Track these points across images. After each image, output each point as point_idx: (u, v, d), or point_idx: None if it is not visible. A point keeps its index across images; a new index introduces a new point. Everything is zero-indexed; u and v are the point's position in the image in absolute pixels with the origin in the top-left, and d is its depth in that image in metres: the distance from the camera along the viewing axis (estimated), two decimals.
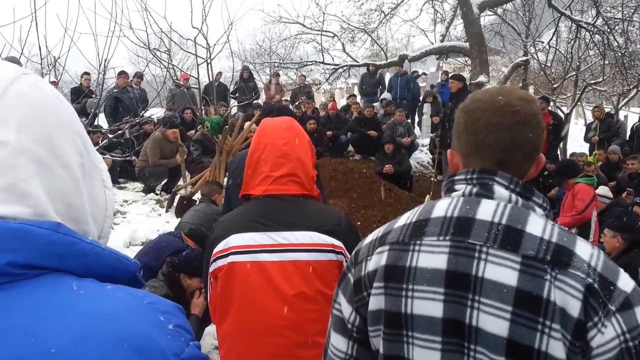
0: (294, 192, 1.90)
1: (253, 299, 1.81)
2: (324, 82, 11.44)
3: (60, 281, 0.64)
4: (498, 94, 1.18)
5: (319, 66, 11.19)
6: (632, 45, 10.88)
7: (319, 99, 14.42)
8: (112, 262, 0.70)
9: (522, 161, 1.16)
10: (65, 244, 0.64)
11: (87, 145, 0.75)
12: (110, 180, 0.82)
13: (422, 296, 1.09)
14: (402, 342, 1.12)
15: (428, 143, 11.38)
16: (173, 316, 0.69)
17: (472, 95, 1.24)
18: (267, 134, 1.97)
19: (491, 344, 1.02)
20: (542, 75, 12.45)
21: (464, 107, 1.22)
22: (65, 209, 0.68)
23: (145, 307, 0.67)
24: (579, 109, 16.62)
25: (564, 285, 1.00)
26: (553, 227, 1.08)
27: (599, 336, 0.99)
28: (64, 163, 0.69)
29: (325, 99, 13.39)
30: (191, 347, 0.72)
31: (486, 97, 1.19)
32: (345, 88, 15.85)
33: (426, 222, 1.15)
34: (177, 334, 0.68)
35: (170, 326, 0.67)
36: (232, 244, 1.84)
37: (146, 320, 0.65)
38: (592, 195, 5.84)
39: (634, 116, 13.31)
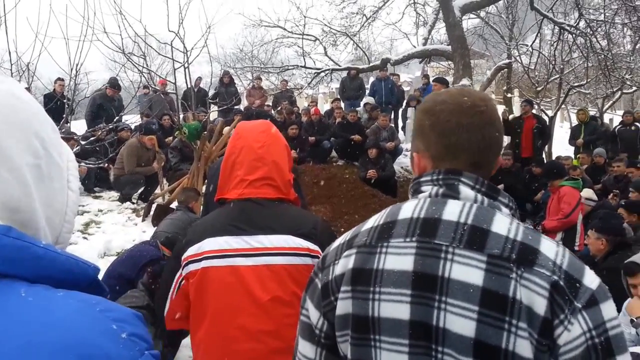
0: (270, 196, 1.88)
1: (228, 304, 1.79)
2: (305, 86, 11.28)
3: (8, 287, 0.63)
4: (462, 95, 1.18)
5: (301, 70, 11.03)
6: (615, 47, 10.89)
7: (302, 104, 14.29)
8: (69, 267, 0.69)
9: (492, 161, 1.17)
10: (16, 248, 0.63)
11: (48, 146, 0.73)
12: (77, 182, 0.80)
13: (389, 298, 1.08)
14: (369, 347, 1.11)
15: None
16: (128, 324, 0.68)
17: (432, 97, 1.24)
18: (243, 137, 1.95)
19: (458, 345, 1.02)
20: (526, 78, 12.42)
21: (427, 109, 1.20)
22: (9, 213, 0.67)
23: (97, 315, 0.66)
24: (564, 112, 16.65)
25: (529, 284, 1.00)
26: (518, 226, 1.08)
27: (565, 334, 0.99)
28: (10, 166, 0.67)
29: (308, 104, 13.25)
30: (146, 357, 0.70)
31: (451, 99, 1.18)
32: (328, 93, 15.72)
33: (393, 224, 1.14)
34: (130, 343, 0.67)
35: (124, 335, 0.66)
36: (206, 248, 1.81)
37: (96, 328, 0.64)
38: (577, 199, 5.76)
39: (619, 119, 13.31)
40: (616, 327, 1.01)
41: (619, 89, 12.78)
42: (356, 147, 10.10)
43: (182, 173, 8.36)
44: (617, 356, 1.00)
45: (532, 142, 9.79)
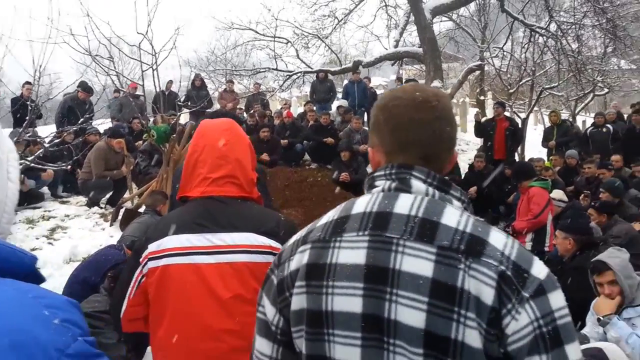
0: (233, 194, 1.87)
1: (189, 302, 1.77)
2: (277, 89, 11.19)
3: None
4: (415, 90, 1.20)
5: (273, 73, 10.95)
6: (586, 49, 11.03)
7: (275, 107, 14.20)
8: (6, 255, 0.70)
9: (443, 156, 1.18)
10: None
11: None
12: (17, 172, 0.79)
13: (342, 292, 1.09)
14: (323, 341, 1.11)
15: None
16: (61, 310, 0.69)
17: (388, 93, 1.26)
18: (205, 135, 1.94)
19: (409, 337, 1.02)
20: (498, 81, 12.52)
21: (381, 105, 1.22)
22: None
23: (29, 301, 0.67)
24: (537, 114, 16.85)
25: (477, 274, 1.01)
26: (468, 218, 1.09)
27: (513, 323, 0.99)
28: None
29: (281, 107, 13.16)
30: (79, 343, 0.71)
31: (405, 94, 1.20)
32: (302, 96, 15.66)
33: (347, 218, 1.15)
34: (62, 329, 0.68)
35: (56, 320, 0.68)
36: (167, 245, 1.80)
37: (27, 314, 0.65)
38: (547, 199, 5.76)
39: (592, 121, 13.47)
40: (565, 316, 1.02)
41: (590, 91, 12.99)
42: (329, 150, 10.05)
43: (151, 177, 8.19)
44: (565, 345, 1.00)
45: (505, 144, 9.85)
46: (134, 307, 1.84)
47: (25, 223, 7.28)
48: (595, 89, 12.97)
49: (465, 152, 12.75)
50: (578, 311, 3.88)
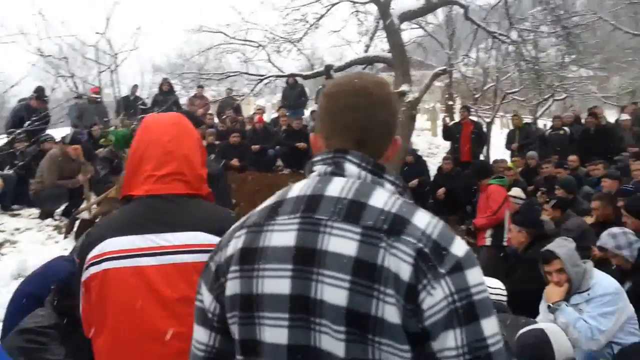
0: (180, 191, 1.77)
1: (132, 306, 1.67)
2: (249, 93, 11.26)
3: None
4: (355, 78, 1.25)
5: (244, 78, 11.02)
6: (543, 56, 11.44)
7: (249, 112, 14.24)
8: None
9: (378, 141, 1.21)
10: None
11: None
12: None
13: (271, 274, 1.11)
14: (254, 324, 1.12)
15: None
16: None
17: (333, 81, 1.32)
18: (150, 129, 1.84)
19: (332, 315, 1.05)
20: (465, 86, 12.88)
21: (325, 92, 1.26)
22: None
23: None
24: (503, 119, 17.33)
25: (397, 252, 1.04)
26: (397, 200, 1.12)
27: (428, 298, 1.02)
28: None
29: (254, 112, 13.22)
30: None
31: (345, 82, 1.25)
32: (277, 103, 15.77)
33: (281, 202, 1.17)
34: None
35: None
36: (107, 249, 1.69)
37: None
38: (504, 196, 6.01)
39: None
40: (481, 292, 1.06)
41: (550, 96, 13.46)
42: (302, 155, 10.05)
43: (110, 186, 7.60)
44: (481, 320, 1.04)
45: (471, 147, 10.17)
46: (85, 315, 1.77)
47: None
48: (555, 94, 13.48)
49: (436, 155, 13.07)
50: (532, 300, 4.08)
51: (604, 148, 9.47)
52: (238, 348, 1.16)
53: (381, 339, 1.03)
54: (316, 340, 1.07)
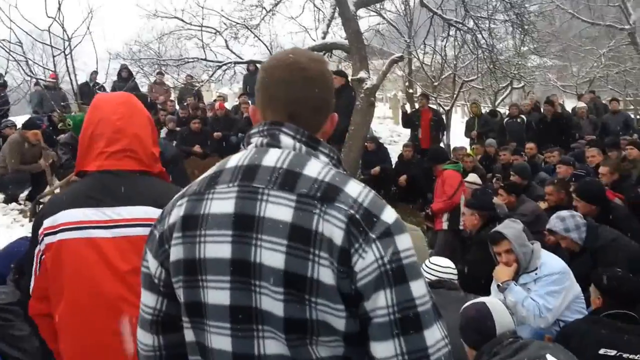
0: (131, 168, 1.86)
1: (85, 276, 1.76)
2: (207, 79, 11.10)
3: None
4: (290, 53, 1.28)
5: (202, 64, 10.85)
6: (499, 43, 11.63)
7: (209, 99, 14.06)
8: None
9: (311, 115, 1.25)
10: None
11: None
12: None
13: (213, 240, 1.16)
14: (198, 287, 1.18)
15: None
16: None
17: (271, 56, 1.39)
18: (100, 108, 1.91)
19: (271, 277, 1.11)
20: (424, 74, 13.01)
21: (262, 66, 1.32)
22: None
23: None
24: (464, 107, 17.57)
25: (330, 218, 1.10)
26: (330, 170, 1.18)
27: (360, 261, 1.09)
28: None
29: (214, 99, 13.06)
30: None
31: (280, 56, 1.29)
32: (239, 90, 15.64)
33: (220, 172, 1.23)
34: None
35: None
36: (61, 220, 1.79)
37: None
38: (459, 181, 6.09)
39: None
40: (410, 256, 1.12)
41: (508, 85, 13.73)
42: None
43: (73, 170, 7.94)
44: (410, 282, 1.10)
45: (430, 134, 10.28)
46: (39, 285, 1.83)
47: None
48: (513, 83, 13.76)
49: (397, 143, 13.17)
50: (485, 281, 4.14)
51: (560, 136, 9.71)
52: (184, 310, 1.22)
53: (317, 299, 1.09)
54: (256, 301, 1.13)
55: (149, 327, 1.31)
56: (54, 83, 9.25)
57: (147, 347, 1.32)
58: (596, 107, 12.33)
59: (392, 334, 1.09)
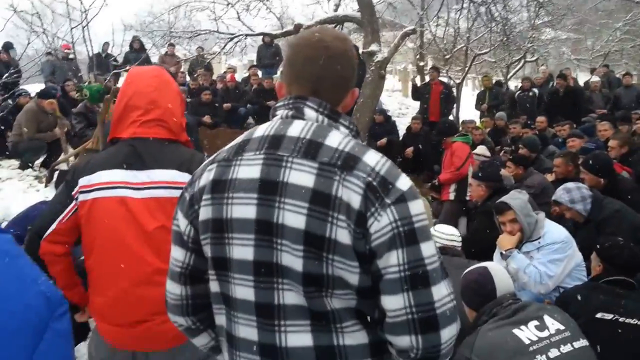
0: (161, 136, 2.02)
1: (115, 231, 1.93)
2: (219, 52, 11.11)
3: None
4: (316, 32, 1.36)
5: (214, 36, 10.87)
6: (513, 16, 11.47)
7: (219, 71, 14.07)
8: None
9: (333, 90, 1.33)
10: None
11: None
12: None
13: (240, 202, 1.27)
14: (224, 244, 1.29)
15: None
16: None
17: (299, 34, 1.43)
18: (134, 81, 2.07)
19: (292, 236, 1.21)
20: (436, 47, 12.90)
21: (289, 43, 1.41)
22: None
23: None
24: (475, 81, 17.42)
25: (349, 184, 1.19)
26: (350, 140, 1.27)
27: (375, 223, 1.18)
28: None
29: (225, 71, 13.07)
30: None
31: (306, 35, 1.37)
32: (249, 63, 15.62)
33: (248, 141, 1.32)
34: None
35: None
36: (96, 180, 1.96)
37: None
38: (467, 153, 6.14)
39: None
40: (421, 221, 1.22)
41: (521, 58, 13.58)
42: None
43: (87, 139, 8.03)
44: (420, 243, 1.20)
45: (440, 107, 10.26)
46: (60, 230, 1.99)
47: None
48: (526, 56, 13.61)
49: (406, 115, 13.17)
50: (488, 249, 4.23)
51: (572, 109, 9.66)
52: (210, 264, 1.33)
53: (334, 257, 1.19)
54: (278, 257, 1.23)
55: (177, 278, 1.42)
56: (67, 54, 9.32)
57: (175, 296, 1.43)
58: (609, 81, 12.21)
59: (402, 289, 1.19)
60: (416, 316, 1.19)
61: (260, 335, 1.28)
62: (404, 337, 1.21)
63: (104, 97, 6.92)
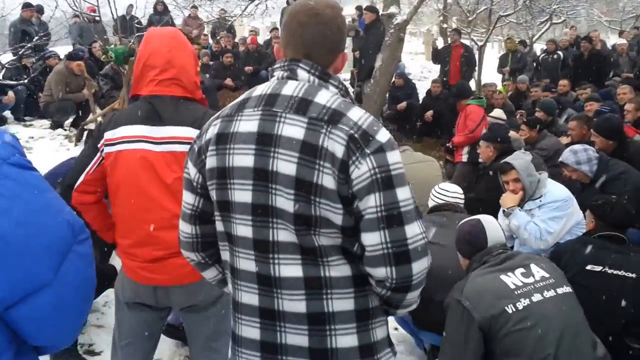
0: (177, 94, 2.16)
1: (137, 181, 2.11)
2: (239, 14, 11.18)
3: None
4: (311, 0, 1.48)
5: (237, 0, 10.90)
6: None
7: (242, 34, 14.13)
8: None
9: (323, 53, 1.48)
10: None
11: None
12: None
13: (240, 152, 1.42)
14: (227, 189, 1.45)
15: (349, 77, 11.47)
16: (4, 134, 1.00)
17: (296, 2, 1.54)
18: (151, 42, 2.20)
19: (285, 182, 1.36)
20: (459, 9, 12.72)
21: (287, 10, 1.52)
22: None
23: None
24: (501, 43, 17.09)
25: (334, 136, 1.34)
26: (337, 99, 1.42)
27: (356, 170, 1.33)
28: None
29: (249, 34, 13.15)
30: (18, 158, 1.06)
31: (301, 2, 1.50)
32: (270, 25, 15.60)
33: (248, 99, 1.48)
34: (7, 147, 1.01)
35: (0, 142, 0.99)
36: (119, 134, 2.13)
37: None
38: (481, 116, 6.21)
39: None
40: (398, 169, 1.37)
41: (547, 20, 13.29)
42: None
43: (114, 99, 8.33)
44: (396, 188, 1.35)
45: (460, 70, 10.18)
46: (89, 181, 2.19)
47: None
48: (552, 18, 13.31)
49: (428, 78, 13.10)
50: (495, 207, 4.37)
51: (596, 73, 9.53)
52: (216, 207, 1.50)
53: (320, 200, 1.35)
54: (272, 200, 1.39)
55: (188, 219, 1.60)
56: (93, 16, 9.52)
57: (186, 234, 1.62)
58: (639, 44, 11.93)
59: (379, 227, 1.34)
60: (391, 250, 1.35)
61: (258, 266, 1.46)
62: (380, 268, 1.37)
63: (128, 59, 7.14)
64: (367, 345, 1.47)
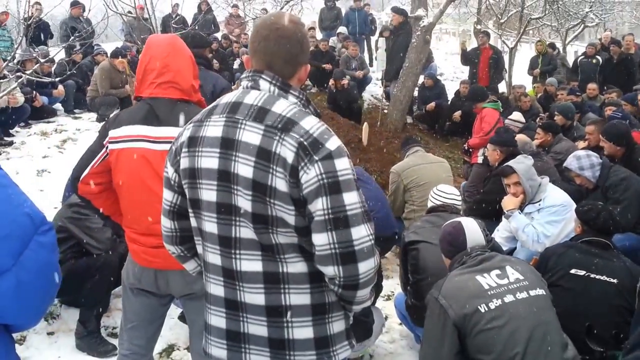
0: (174, 96, 2.31)
1: (138, 177, 2.27)
2: None
3: None
4: (273, 15, 1.62)
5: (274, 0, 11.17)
6: None
7: None
8: None
9: (284, 65, 1.58)
10: None
11: None
12: None
13: (206, 155, 1.56)
14: (196, 188, 1.59)
15: (381, 77, 11.64)
16: None
17: (262, 17, 1.68)
18: (151, 47, 2.38)
19: (244, 184, 1.48)
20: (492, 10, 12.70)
21: (254, 24, 1.87)
22: None
23: None
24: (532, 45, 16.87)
25: (286, 143, 1.46)
26: (294, 108, 1.52)
27: (305, 175, 1.44)
28: None
29: None
30: None
31: (266, 17, 1.63)
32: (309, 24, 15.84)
33: (216, 106, 1.62)
34: None
35: None
36: (122, 133, 2.29)
37: None
38: (496, 118, 6.35)
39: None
40: (346, 175, 1.46)
41: (580, 22, 13.09)
42: (327, 75, 10.46)
43: None
44: (343, 193, 1.45)
45: (489, 72, 10.24)
46: (93, 174, 2.34)
47: (39, 135, 8.03)
48: (586, 20, 13.10)
49: (459, 79, 13.10)
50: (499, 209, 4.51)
51: (626, 77, 9.41)
52: (189, 204, 1.65)
53: (275, 201, 1.47)
54: (234, 200, 1.52)
55: (167, 214, 1.73)
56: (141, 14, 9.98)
57: (167, 229, 1.76)
58: None
59: (327, 228, 1.43)
60: (338, 251, 1.44)
61: (223, 261, 1.58)
62: (329, 267, 1.47)
63: None
64: (323, 337, 1.57)
